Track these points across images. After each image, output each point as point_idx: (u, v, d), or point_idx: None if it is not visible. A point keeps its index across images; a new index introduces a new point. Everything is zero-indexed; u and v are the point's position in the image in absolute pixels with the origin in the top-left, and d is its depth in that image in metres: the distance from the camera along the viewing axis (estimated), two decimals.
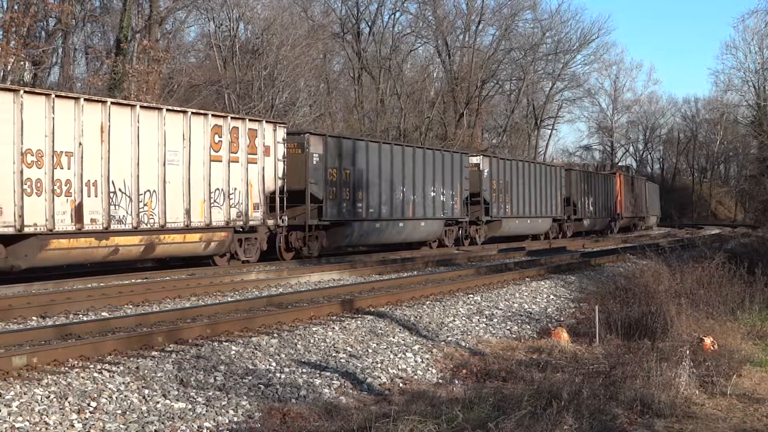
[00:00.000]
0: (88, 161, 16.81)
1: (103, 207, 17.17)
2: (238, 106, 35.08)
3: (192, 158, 19.13)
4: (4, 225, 15.32)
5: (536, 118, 65.81)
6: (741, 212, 74.11)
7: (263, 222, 21.39)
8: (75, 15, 34.25)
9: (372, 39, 51.75)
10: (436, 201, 29.27)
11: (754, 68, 63.05)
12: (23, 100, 15.61)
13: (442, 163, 29.62)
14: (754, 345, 11.31)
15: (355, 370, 9.27)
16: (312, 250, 23.59)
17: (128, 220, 17.72)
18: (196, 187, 19.27)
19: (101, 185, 17.11)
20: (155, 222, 18.37)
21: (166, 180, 18.53)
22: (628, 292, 13.33)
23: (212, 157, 19.69)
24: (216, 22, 39.83)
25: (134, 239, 18.03)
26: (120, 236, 17.65)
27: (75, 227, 16.58)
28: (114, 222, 17.37)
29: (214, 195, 19.79)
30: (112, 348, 8.86)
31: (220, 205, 19.99)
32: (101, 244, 17.30)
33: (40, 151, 15.97)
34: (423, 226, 28.70)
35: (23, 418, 6.73)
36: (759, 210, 43.55)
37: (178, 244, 19.24)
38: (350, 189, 24.74)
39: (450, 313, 12.93)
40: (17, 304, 12.31)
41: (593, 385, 8.16)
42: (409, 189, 27.62)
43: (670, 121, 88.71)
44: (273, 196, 21.62)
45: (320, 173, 23.38)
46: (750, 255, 18.16)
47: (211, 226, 19.73)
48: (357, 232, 25.27)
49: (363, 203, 25.31)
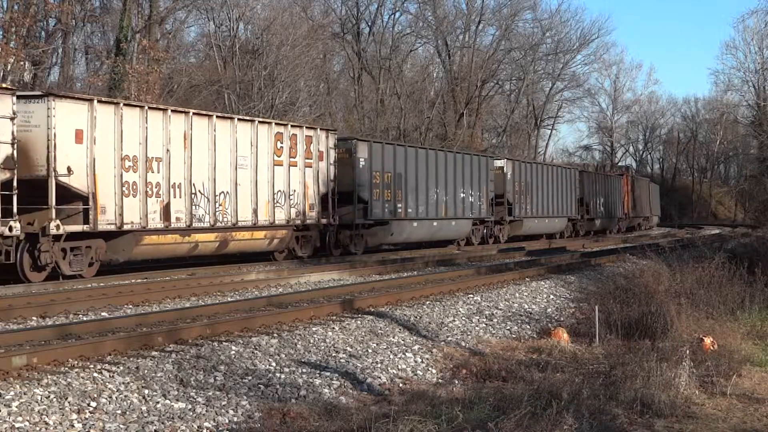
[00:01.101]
0: (173, 166, 18.71)
1: (186, 207, 19.07)
2: (237, 106, 35.09)
3: (258, 163, 21.09)
4: (107, 223, 17.19)
5: (536, 118, 65.81)
6: (741, 212, 74.08)
7: (318, 221, 23.37)
8: (75, 15, 34.26)
9: (372, 39, 51.75)
10: (466, 202, 31.07)
11: (754, 68, 63.09)
12: (123, 111, 17.55)
13: (470, 166, 31.53)
14: (754, 345, 11.32)
15: (355, 370, 9.27)
16: (358, 247, 25.29)
17: (206, 218, 19.67)
18: (261, 188, 21.20)
19: (184, 187, 19.03)
20: (228, 220, 20.30)
21: (237, 182, 20.47)
22: (628, 292, 13.34)
23: (275, 161, 21.70)
24: (216, 22, 39.87)
25: (211, 236, 20.06)
26: (199, 233, 19.66)
27: (163, 225, 18.48)
28: (195, 220, 19.30)
29: (276, 196, 21.75)
30: (112, 348, 8.86)
31: (281, 205, 21.92)
32: (184, 240, 19.32)
33: (135, 156, 17.84)
34: (454, 225, 30.45)
35: (23, 418, 6.73)
36: (759, 210, 43.49)
37: (247, 240, 21.21)
38: (391, 190, 26.56)
39: (450, 313, 12.93)
40: (17, 304, 12.31)
41: (593, 385, 8.17)
42: (441, 190, 29.47)
43: (670, 121, 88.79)
44: (326, 197, 23.58)
45: (366, 176, 25.24)
46: (750, 255, 18.17)
47: (274, 224, 21.68)
48: (397, 231, 27.06)
49: (402, 203, 27.14)
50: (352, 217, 24.72)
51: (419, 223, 28.25)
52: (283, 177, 21.95)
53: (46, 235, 16.07)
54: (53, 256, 16.29)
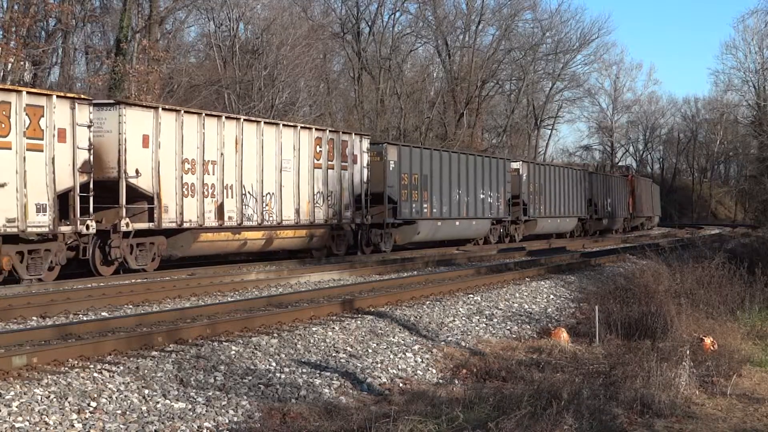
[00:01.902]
0: (226, 168, 20.30)
1: (237, 207, 20.61)
2: (238, 106, 35.09)
3: (300, 165, 22.73)
4: (169, 221, 18.77)
5: (536, 118, 65.81)
6: (741, 212, 74.10)
7: (352, 220, 24.97)
8: (75, 15, 34.22)
9: (372, 39, 51.73)
10: (485, 202, 32.75)
11: (754, 68, 63.10)
12: (183, 118, 19.13)
13: (489, 168, 33.24)
14: (754, 345, 11.32)
15: (355, 370, 9.27)
16: (387, 245, 26.72)
17: (254, 218, 21.20)
18: (303, 190, 22.81)
19: (236, 188, 20.59)
20: (273, 220, 21.86)
21: (282, 184, 22.06)
22: (628, 292, 13.33)
23: (314, 164, 23.32)
24: (216, 22, 39.84)
25: (258, 234, 21.54)
26: (248, 231, 21.17)
27: (217, 223, 20.05)
28: (245, 219, 20.86)
29: (316, 197, 23.34)
30: (112, 348, 8.86)
31: (320, 205, 23.52)
32: (235, 238, 20.85)
33: (193, 160, 19.42)
34: (474, 225, 32.18)
35: (23, 418, 6.73)
36: (759, 210, 43.53)
37: (290, 238, 22.81)
38: (418, 191, 28.14)
39: (450, 313, 12.93)
40: (17, 304, 12.31)
41: (593, 385, 8.17)
42: (463, 191, 31.12)
43: (670, 121, 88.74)
44: (359, 198, 25.19)
45: (395, 178, 26.90)
46: (750, 255, 18.17)
47: (314, 223, 23.31)
48: (423, 230, 28.57)
49: (428, 204, 28.71)
50: (383, 217, 26.29)
51: (443, 223, 29.74)
52: (322, 179, 23.57)
53: (117, 232, 17.66)
54: (122, 251, 17.87)
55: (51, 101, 16.19)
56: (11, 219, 15.44)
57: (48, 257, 16.33)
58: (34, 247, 16.13)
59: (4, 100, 15.29)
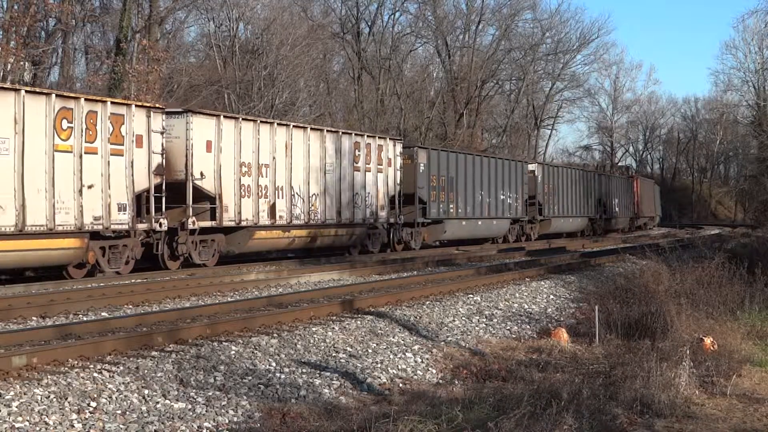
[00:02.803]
0: (278, 171, 21.91)
1: (287, 207, 22.25)
2: (237, 106, 35.09)
3: (342, 168, 24.32)
4: (229, 219, 20.39)
5: (536, 118, 65.79)
6: (741, 212, 74.07)
7: (387, 220, 26.60)
8: (75, 15, 34.20)
9: (372, 39, 51.73)
10: (505, 203, 34.45)
11: (754, 68, 63.15)
12: (241, 125, 20.87)
13: (509, 171, 34.90)
14: (754, 345, 11.31)
15: (355, 370, 9.27)
16: (417, 243, 28.35)
17: (302, 217, 22.80)
18: (344, 191, 24.44)
19: (286, 190, 22.21)
20: (318, 219, 23.47)
21: (326, 186, 23.65)
22: (628, 292, 13.32)
23: (354, 167, 24.96)
24: (216, 22, 39.85)
25: (305, 232, 23.18)
26: (296, 230, 22.84)
27: (270, 222, 21.67)
28: (293, 218, 22.47)
29: (355, 198, 24.92)
30: (112, 348, 8.86)
31: (359, 206, 25.09)
32: (285, 235, 22.55)
33: (249, 163, 20.99)
34: (495, 224, 33.94)
35: (23, 418, 6.73)
36: (759, 210, 43.56)
37: (332, 236, 24.33)
38: (445, 193, 29.71)
39: (450, 313, 12.93)
40: (17, 304, 12.31)
41: (593, 385, 8.16)
42: (485, 192, 32.78)
43: (670, 121, 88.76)
44: (393, 199, 26.81)
45: (425, 180, 28.39)
46: (750, 255, 18.15)
47: (353, 222, 24.92)
48: (449, 229, 30.14)
49: (454, 204, 30.33)
50: (414, 217, 27.95)
51: (467, 222, 31.45)
52: (360, 181, 25.20)
53: (184, 230, 19.24)
54: (188, 247, 19.43)
55: (130, 110, 17.86)
56: (97, 217, 17.10)
57: (125, 252, 17.97)
58: (113, 243, 17.73)
59: (91, 109, 16.92)
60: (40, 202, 15.96)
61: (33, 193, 15.82)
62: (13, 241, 15.53)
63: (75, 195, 16.66)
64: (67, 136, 16.46)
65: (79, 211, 16.69)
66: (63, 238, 16.49)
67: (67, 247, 16.59)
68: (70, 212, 16.54)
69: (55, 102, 16.26)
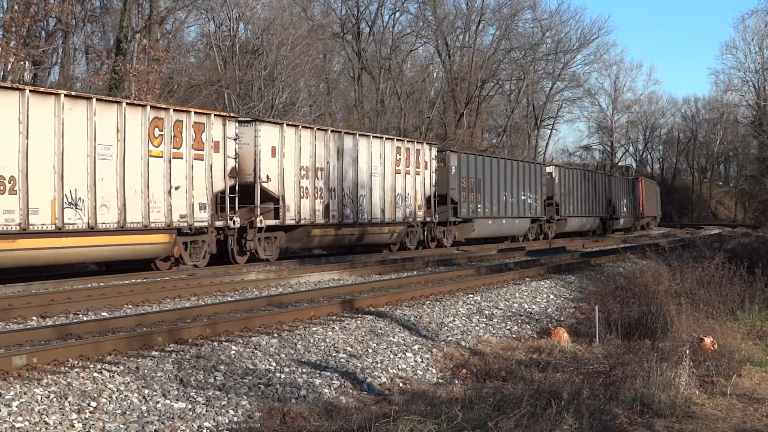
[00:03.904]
0: (331, 174, 23.97)
1: (338, 207, 24.27)
2: (237, 106, 35.08)
3: (385, 171, 26.39)
4: (290, 219, 22.39)
5: (536, 118, 65.78)
6: (741, 212, 74.08)
7: (423, 219, 28.66)
8: (75, 15, 34.19)
9: (372, 39, 51.72)
10: (526, 203, 36.60)
11: (754, 68, 63.08)
12: (300, 132, 22.91)
13: (529, 173, 37.13)
14: (754, 345, 11.31)
15: (355, 370, 9.27)
16: (448, 240, 30.42)
17: (351, 216, 24.80)
18: (387, 192, 26.49)
19: (337, 191, 24.23)
20: (365, 218, 25.48)
21: (372, 187, 25.70)
22: (628, 292, 13.32)
23: (395, 170, 27.01)
24: (216, 22, 39.83)
25: (353, 230, 25.20)
26: (347, 228, 24.84)
27: (324, 221, 23.60)
28: (344, 218, 24.53)
29: (396, 198, 26.94)
30: (112, 348, 8.86)
31: (399, 206, 27.12)
32: (337, 233, 24.52)
33: (307, 167, 23.05)
34: (517, 223, 36.10)
35: (23, 418, 6.73)
36: (759, 210, 43.60)
37: (377, 234, 26.37)
38: (473, 193, 31.86)
39: (450, 313, 12.93)
40: (17, 304, 12.30)
41: (593, 385, 8.16)
42: (508, 193, 34.86)
43: (670, 121, 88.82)
44: (428, 200, 28.86)
45: (456, 181, 30.47)
46: (750, 255, 18.16)
47: (395, 221, 26.98)
48: (477, 227, 32.22)
49: (481, 204, 32.48)
50: (446, 216, 30.06)
51: (493, 221, 33.58)
52: (401, 183, 27.27)
53: (253, 228, 21.20)
54: (255, 243, 21.31)
55: (210, 119, 19.91)
56: (182, 215, 19.08)
57: (203, 247, 19.94)
58: (194, 239, 19.65)
59: (177, 119, 18.97)
60: (137, 202, 18.02)
61: (131, 194, 17.87)
62: (116, 236, 17.66)
63: (165, 195, 18.64)
64: (158, 143, 18.50)
65: (168, 210, 18.68)
66: (155, 233, 18.49)
67: (158, 242, 18.64)
68: (161, 211, 18.53)
69: (149, 112, 18.27)
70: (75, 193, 16.70)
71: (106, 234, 17.37)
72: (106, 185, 17.29)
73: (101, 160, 17.22)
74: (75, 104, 16.79)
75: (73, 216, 16.65)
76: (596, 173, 48.62)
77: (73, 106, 16.71)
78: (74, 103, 16.79)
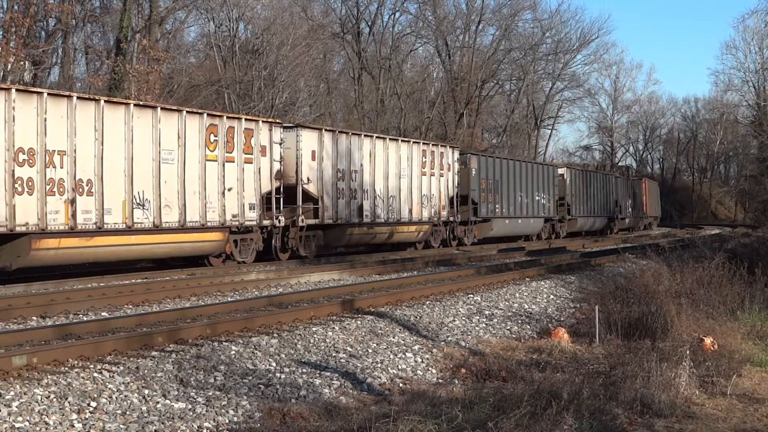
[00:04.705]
0: (365, 176, 25.57)
1: (371, 207, 25.94)
2: (238, 106, 35.07)
3: (413, 173, 28.04)
4: (328, 218, 23.98)
5: (536, 118, 65.78)
6: (741, 212, 74.04)
7: (447, 218, 30.20)
8: (75, 15, 34.20)
9: (372, 39, 51.72)
10: (539, 203, 38.07)
11: (754, 68, 63.14)
12: (337, 137, 24.52)
13: (542, 174, 38.59)
14: (754, 345, 11.30)
15: (355, 370, 9.27)
16: (469, 239, 32.05)
17: (382, 216, 26.41)
18: (414, 193, 28.07)
19: (370, 192, 25.87)
20: (395, 217, 27.09)
21: (400, 188, 27.29)
22: (628, 292, 13.30)
23: (422, 172, 28.65)
24: (216, 22, 39.81)
25: (385, 229, 26.84)
26: (379, 227, 26.50)
27: (358, 220, 25.28)
28: (376, 217, 26.17)
29: (422, 199, 28.54)
30: (112, 348, 8.86)
31: (425, 206, 28.71)
32: (369, 232, 26.18)
33: (344, 170, 24.64)
34: (532, 223, 37.58)
35: (23, 418, 6.73)
36: (759, 210, 43.54)
37: (405, 233, 27.98)
38: (492, 194, 33.31)
39: (450, 313, 12.93)
40: (17, 304, 12.31)
41: (593, 385, 8.15)
42: (524, 193, 36.27)
43: (670, 121, 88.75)
44: (452, 200, 30.40)
45: (476, 183, 32.09)
46: (750, 255, 18.14)
47: (421, 221, 28.53)
48: (495, 227, 33.71)
49: (499, 205, 34.00)
50: (467, 216, 31.55)
51: (509, 221, 35.08)
52: (427, 184, 28.79)
53: (295, 226, 22.77)
54: (296, 241, 22.84)
55: (258, 125, 21.39)
56: (234, 215, 20.50)
57: (251, 245, 21.36)
58: (243, 237, 21.10)
59: (230, 125, 20.43)
60: (195, 203, 19.41)
61: (190, 195, 19.27)
62: (177, 234, 19.04)
63: (219, 197, 20.08)
64: (213, 148, 19.96)
65: (222, 210, 20.10)
66: (211, 232, 19.99)
67: (213, 239, 20.16)
68: (216, 211, 19.95)
69: (205, 119, 19.78)
70: (142, 195, 18.14)
71: (169, 232, 18.77)
72: (168, 187, 18.69)
73: (165, 164, 18.61)
74: (142, 113, 18.23)
75: (141, 216, 18.12)
76: (604, 174, 50.27)
77: (140, 114, 18.15)
78: (141, 112, 18.24)
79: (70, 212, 16.62)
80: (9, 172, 15.57)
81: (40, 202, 16.06)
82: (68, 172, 16.59)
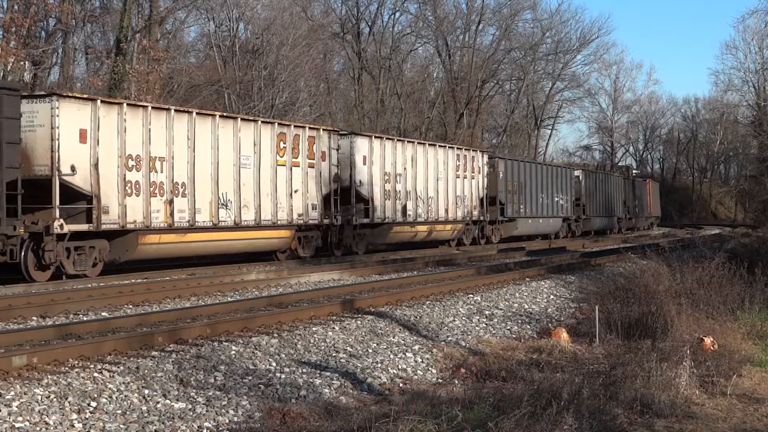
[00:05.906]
0: (408, 178, 27.86)
1: (413, 207, 28.14)
2: (238, 106, 35.07)
3: (448, 176, 30.27)
4: (377, 218, 26.12)
5: (536, 118, 65.80)
6: (741, 212, 74.03)
7: (477, 218, 32.44)
8: (75, 15, 34.14)
9: (372, 39, 51.73)
10: (558, 204, 40.27)
11: (754, 68, 63.14)
12: (385, 143, 26.89)
13: (561, 176, 40.86)
14: (754, 345, 11.30)
15: (355, 370, 9.27)
16: (496, 238, 34.08)
17: (422, 215, 28.63)
18: (450, 194, 30.28)
19: (412, 193, 28.09)
20: (433, 217, 29.26)
21: (438, 190, 29.51)
22: (628, 292, 13.29)
23: (456, 174, 30.81)
24: (216, 22, 39.83)
25: (425, 227, 29.13)
26: (419, 225, 28.70)
27: (402, 219, 27.48)
28: (417, 217, 28.29)
29: (457, 200, 30.73)
30: (112, 348, 8.86)
31: (459, 206, 30.94)
32: (411, 230, 28.40)
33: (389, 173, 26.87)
34: (551, 222, 39.73)
35: (23, 418, 6.73)
36: (759, 210, 43.55)
37: (441, 231, 30.13)
38: (517, 195, 35.36)
39: (450, 313, 12.93)
40: (17, 304, 12.31)
41: (593, 385, 8.15)
42: (544, 195, 38.34)
43: (670, 121, 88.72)
44: (481, 201, 32.68)
45: (503, 184, 34.28)
46: (750, 255, 18.14)
47: (456, 220, 30.77)
48: (520, 226, 35.63)
49: (523, 205, 36.00)
50: (496, 215, 33.81)
51: (532, 220, 37.09)
52: (460, 186, 31.07)
53: (350, 225, 24.80)
54: (350, 240, 25.00)
55: (319, 132, 23.70)
56: (300, 214, 22.68)
57: (312, 241, 23.46)
58: (305, 234, 23.23)
59: (296, 133, 22.64)
60: (268, 203, 21.56)
61: (264, 196, 21.40)
62: (253, 231, 21.26)
63: (287, 198, 22.22)
64: (282, 154, 22.13)
65: (290, 209, 22.27)
66: (281, 229, 22.16)
67: (283, 236, 22.34)
68: (284, 210, 22.08)
69: (276, 128, 22.00)
70: (226, 196, 20.26)
71: (247, 229, 20.99)
72: (246, 189, 20.86)
73: (243, 168, 20.78)
74: (225, 123, 20.44)
75: (224, 214, 20.22)
76: (614, 176, 52.31)
77: (224, 124, 20.34)
78: (225, 122, 20.44)
79: (168, 211, 18.71)
80: (121, 176, 17.64)
81: (146, 202, 18.17)
82: (167, 176, 18.73)
